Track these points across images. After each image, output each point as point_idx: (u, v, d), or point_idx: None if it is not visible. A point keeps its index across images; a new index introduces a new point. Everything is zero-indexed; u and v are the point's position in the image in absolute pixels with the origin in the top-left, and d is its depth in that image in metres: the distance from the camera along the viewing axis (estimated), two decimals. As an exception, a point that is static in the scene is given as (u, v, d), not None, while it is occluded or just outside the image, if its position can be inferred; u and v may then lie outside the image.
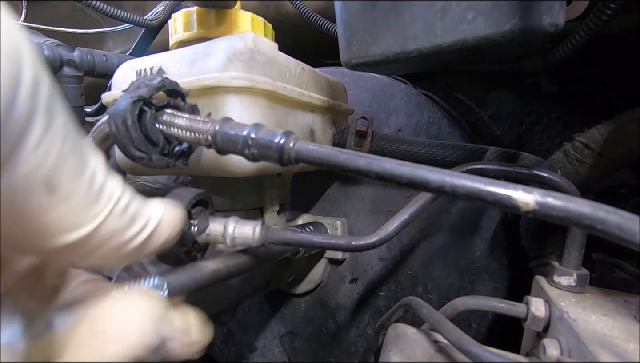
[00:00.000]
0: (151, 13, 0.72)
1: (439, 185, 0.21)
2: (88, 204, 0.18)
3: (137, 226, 0.21)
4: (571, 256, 0.37)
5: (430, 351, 0.31)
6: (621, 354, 0.26)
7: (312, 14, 0.60)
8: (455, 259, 0.55)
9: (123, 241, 0.20)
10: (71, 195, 0.18)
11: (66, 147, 0.17)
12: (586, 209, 0.18)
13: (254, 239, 0.33)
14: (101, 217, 0.19)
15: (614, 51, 0.54)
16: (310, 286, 0.63)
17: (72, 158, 0.18)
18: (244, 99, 0.36)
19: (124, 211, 0.20)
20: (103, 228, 0.19)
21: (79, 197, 0.18)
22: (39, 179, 0.16)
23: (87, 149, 0.19)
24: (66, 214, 0.18)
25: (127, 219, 0.20)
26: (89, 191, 0.18)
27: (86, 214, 0.18)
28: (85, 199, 0.18)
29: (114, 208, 0.19)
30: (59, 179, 0.17)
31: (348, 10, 0.35)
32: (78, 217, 0.18)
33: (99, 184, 0.19)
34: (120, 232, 0.20)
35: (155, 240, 0.22)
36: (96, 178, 0.19)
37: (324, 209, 0.63)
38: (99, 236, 0.19)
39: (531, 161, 0.46)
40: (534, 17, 0.28)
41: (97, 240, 0.19)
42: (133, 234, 0.21)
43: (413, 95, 0.59)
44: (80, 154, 0.18)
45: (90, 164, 0.19)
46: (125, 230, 0.20)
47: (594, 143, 0.39)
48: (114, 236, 0.20)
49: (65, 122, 0.17)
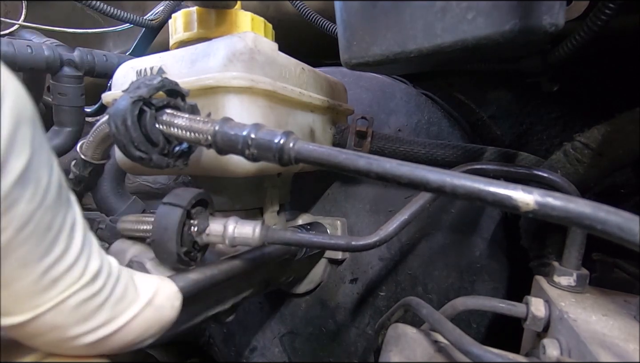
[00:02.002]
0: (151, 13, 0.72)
1: (439, 185, 0.21)
2: (30, 295, 0.17)
3: (93, 322, 0.19)
4: (571, 256, 0.37)
5: (430, 351, 0.31)
6: (621, 354, 0.26)
7: (312, 14, 0.60)
8: (455, 259, 0.55)
9: (67, 336, 0.19)
10: (11, 283, 0.17)
11: (22, 235, 0.16)
12: (586, 209, 0.18)
13: (254, 239, 0.33)
14: (40, 310, 0.17)
15: (614, 51, 0.54)
16: (310, 286, 0.63)
17: (28, 247, 0.16)
18: (244, 99, 0.36)
19: (79, 305, 0.18)
20: (42, 320, 0.18)
21: (21, 286, 0.17)
22: None
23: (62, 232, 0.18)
24: (2, 299, 0.17)
25: (80, 315, 0.18)
26: (36, 282, 0.17)
27: (24, 304, 0.17)
28: (28, 289, 0.17)
29: (66, 301, 0.18)
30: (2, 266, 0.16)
31: (348, 10, 0.35)
32: (14, 305, 0.17)
33: (56, 275, 0.18)
34: (65, 327, 0.18)
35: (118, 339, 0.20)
36: (55, 268, 0.17)
37: (324, 209, 0.63)
38: (35, 327, 0.18)
39: (531, 161, 0.46)
40: (534, 17, 0.28)
41: (33, 330, 0.18)
42: (83, 331, 0.19)
43: (413, 95, 0.59)
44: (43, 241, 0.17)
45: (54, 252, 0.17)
46: (73, 326, 0.18)
47: (594, 143, 0.39)
48: (55, 330, 0.18)
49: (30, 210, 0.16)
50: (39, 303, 0.17)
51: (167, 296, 0.22)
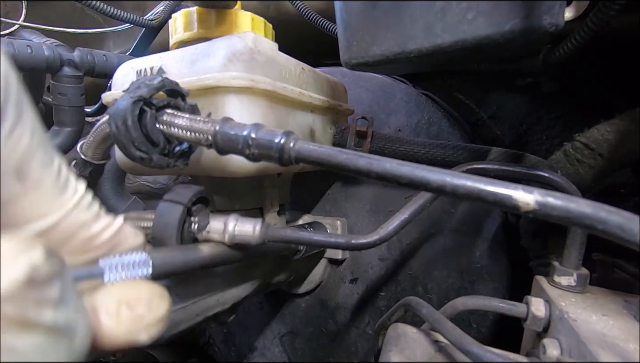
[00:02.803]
0: (151, 13, 0.72)
1: (439, 185, 0.21)
2: (56, 193, 0.20)
3: (102, 222, 0.22)
4: (571, 256, 0.37)
5: (430, 351, 0.31)
6: (621, 354, 0.26)
7: (312, 14, 0.60)
8: (456, 259, 0.55)
9: (90, 234, 0.21)
10: (40, 183, 0.19)
11: (35, 139, 0.18)
12: (587, 209, 0.18)
13: (254, 237, 0.33)
14: (69, 206, 0.20)
15: (614, 51, 0.54)
16: (310, 286, 0.63)
17: (40, 150, 0.19)
18: (244, 99, 0.36)
19: (89, 206, 0.21)
20: (71, 217, 0.20)
21: (48, 185, 0.19)
22: (10, 166, 0.18)
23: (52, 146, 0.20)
24: (35, 202, 0.19)
25: (93, 214, 0.21)
26: (56, 181, 0.20)
27: (54, 202, 0.20)
28: (53, 188, 0.19)
29: (80, 201, 0.21)
30: (28, 166, 0.18)
31: (348, 10, 0.35)
32: (47, 205, 0.19)
33: (65, 178, 0.20)
34: (87, 225, 0.21)
35: (120, 241, 0.23)
36: (62, 172, 0.20)
37: (324, 209, 0.63)
38: (67, 225, 0.20)
39: (531, 161, 0.46)
40: (534, 17, 0.28)
41: (66, 229, 0.20)
42: (99, 229, 0.22)
43: (413, 95, 0.59)
44: (47, 149, 0.19)
45: (56, 159, 0.20)
46: (91, 223, 0.21)
47: (594, 143, 0.39)
48: (82, 228, 0.21)
49: (32, 117, 0.18)
50: (65, 200, 0.20)
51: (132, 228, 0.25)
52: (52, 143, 0.21)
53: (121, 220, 0.24)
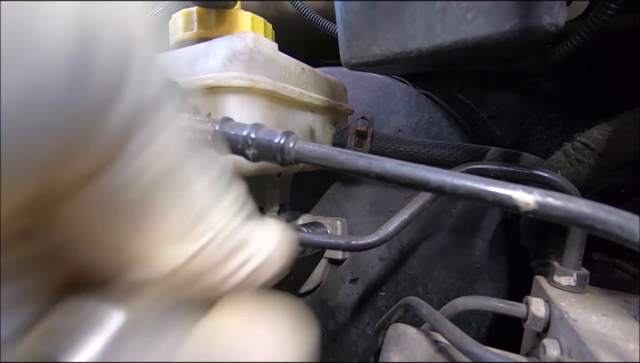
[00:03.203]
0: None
1: (439, 185, 0.21)
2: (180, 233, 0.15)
3: (236, 261, 0.17)
4: (571, 256, 0.37)
5: (430, 351, 0.31)
6: (621, 354, 0.26)
7: (312, 14, 0.59)
8: (455, 259, 0.55)
9: (220, 278, 0.16)
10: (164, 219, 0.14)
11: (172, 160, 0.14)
12: (587, 209, 0.18)
13: (254, 239, 0.33)
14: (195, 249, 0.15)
15: (614, 51, 0.54)
16: (310, 286, 0.63)
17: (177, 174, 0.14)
18: (244, 99, 0.36)
19: (225, 241, 0.16)
20: (196, 261, 0.15)
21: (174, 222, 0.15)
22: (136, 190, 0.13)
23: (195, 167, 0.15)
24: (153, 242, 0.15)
25: (226, 253, 0.16)
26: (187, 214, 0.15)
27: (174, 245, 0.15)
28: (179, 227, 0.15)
29: (216, 236, 0.16)
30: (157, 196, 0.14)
31: (348, 10, 0.35)
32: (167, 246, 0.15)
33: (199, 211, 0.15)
34: (217, 267, 0.16)
35: (260, 276, 0.18)
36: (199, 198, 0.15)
37: (324, 209, 0.63)
38: (191, 270, 0.15)
39: (531, 161, 0.46)
40: (534, 17, 0.28)
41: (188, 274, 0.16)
42: (231, 270, 0.17)
43: (413, 95, 0.59)
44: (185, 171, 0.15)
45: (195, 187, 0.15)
46: (222, 265, 0.16)
47: (594, 143, 0.39)
48: (209, 271, 0.16)
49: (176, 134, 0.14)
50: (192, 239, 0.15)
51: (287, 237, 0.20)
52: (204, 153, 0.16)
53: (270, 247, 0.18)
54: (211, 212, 0.16)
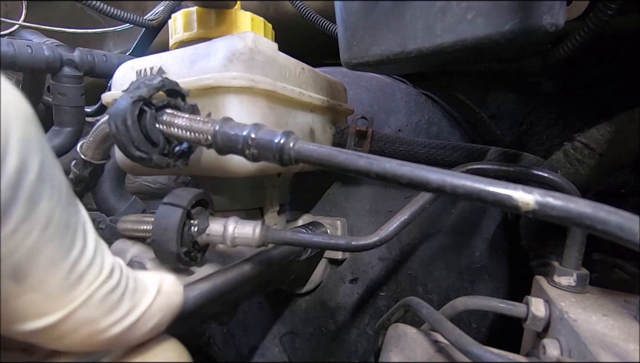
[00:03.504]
0: (151, 13, 0.72)
1: (439, 185, 0.21)
2: (61, 292, 0.17)
3: (118, 313, 0.19)
4: (571, 256, 0.37)
5: (430, 351, 0.31)
6: (621, 354, 0.26)
7: (312, 14, 0.59)
8: (455, 259, 0.55)
9: (98, 329, 0.19)
10: (42, 283, 0.17)
11: (47, 234, 0.16)
12: (587, 209, 0.18)
13: (254, 239, 0.33)
14: (73, 305, 0.18)
15: (614, 51, 0.54)
16: (310, 286, 0.63)
17: (53, 245, 0.17)
18: (244, 99, 0.36)
19: (104, 298, 0.19)
20: (75, 316, 0.18)
21: (52, 285, 0.17)
22: (7, 267, 0.16)
23: (77, 229, 0.18)
24: (34, 302, 0.17)
25: (107, 307, 0.19)
26: (65, 278, 0.17)
27: (57, 302, 0.17)
28: (58, 287, 0.17)
29: (93, 295, 0.18)
30: (29, 268, 0.16)
31: (348, 10, 0.35)
32: (47, 305, 0.17)
33: (81, 270, 0.18)
34: (96, 320, 0.19)
35: (141, 327, 0.21)
36: (79, 264, 0.18)
37: (324, 209, 0.63)
38: (69, 324, 0.18)
39: (531, 161, 0.46)
40: (534, 17, 0.28)
41: (67, 327, 0.18)
42: (111, 322, 0.19)
43: (413, 95, 0.59)
44: (65, 239, 0.17)
45: (76, 249, 0.18)
46: (102, 318, 0.19)
47: (594, 143, 0.39)
48: (87, 324, 0.18)
49: (50, 207, 0.16)
50: (71, 299, 0.18)
51: (171, 284, 0.23)
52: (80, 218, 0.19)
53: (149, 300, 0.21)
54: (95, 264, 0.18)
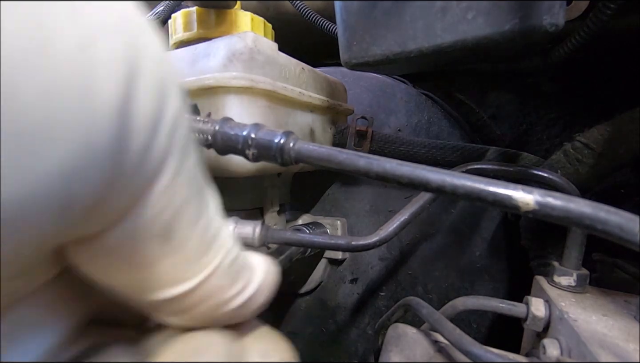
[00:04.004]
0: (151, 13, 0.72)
1: (439, 185, 0.21)
2: (199, 256, 0.16)
3: (239, 284, 0.18)
4: (571, 256, 0.37)
5: (430, 351, 0.31)
6: (621, 354, 0.26)
7: (312, 14, 0.59)
8: (455, 259, 0.55)
9: (223, 299, 0.18)
10: (185, 244, 0.16)
11: (191, 191, 0.15)
12: (587, 209, 0.18)
13: (254, 239, 0.33)
14: (209, 270, 0.17)
15: (614, 51, 0.54)
16: (310, 286, 0.63)
17: (194, 203, 0.16)
18: (244, 99, 0.36)
19: (230, 266, 0.18)
20: (208, 282, 0.17)
21: (192, 246, 0.16)
22: (158, 226, 0.15)
23: (207, 191, 0.17)
24: (176, 265, 0.16)
25: (232, 275, 0.18)
26: (202, 239, 0.16)
27: (194, 266, 0.16)
28: (197, 250, 0.16)
29: (223, 261, 0.17)
30: (178, 226, 0.15)
31: (348, 10, 0.35)
32: (187, 269, 0.16)
33: (213, 233, 0.17)
34: (224, 289, 0.18)
35: (253, 303, 0.20)
36: (211, 226, 0.17)
37: (324, 209, 0.63)
38: (202, 291, 0.17)
39: (531, 161, 0.46)
40: (534, 17, 0.28)
41: (199, 295, 0.17)
42: (234, 293, 0.18)
43: (413, 95, 0.59)
44: (201, 198, 0.16)
45: (209, 209, 0.17)
46: (228, 287, 0.18)
47: (594, 143, 0.39)
48: (217, 292, 0.17)
49: (194, 163, 0.15)
50: (206, 263, 0.17)
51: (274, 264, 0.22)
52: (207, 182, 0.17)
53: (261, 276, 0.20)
54: (220, 234, 0.17)
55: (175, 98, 0.14)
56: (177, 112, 0.14)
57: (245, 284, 0.19)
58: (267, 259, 0.22)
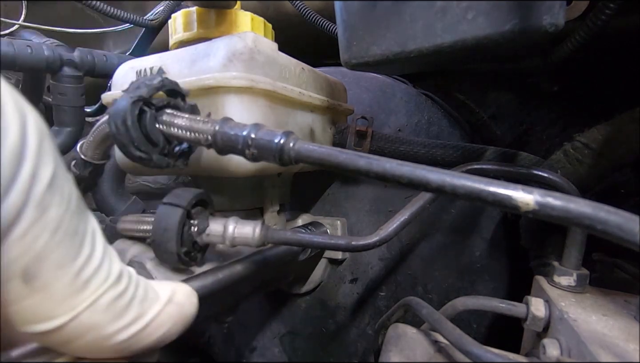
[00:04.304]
0: (151, 13, 0.72)
1: (439, 185, 0.21)
2: (67, 296, 0.18)
3: (125, 320, 0.20)
4: (571, 256, 0.37)
5: (430, 351, 0.31)
6: (621, 354, 0.26)
7: (312, 14, 0.59)
8: (455, 259, 0.55)
9: (104, 335, 0.19)
10: (50, 286, 0.17)
11: (56, 238, 0.17)
12: (586, 209, 0.18)
13: (254, 239, 0.33)
14: (78, 309, 0.18)
15: (614, 51, 0.54)
16: (310, 286, 0.63)
17: (61, 249, 0.17)
18: (244, 99, 0.36)
19: (110, 304, 0.19)
20: (80, 319, 0.18)
21: (59, 288, 0.17)
22: (18, 267, 0.16)
23: (85, 236, 0.18)
24: (40, 304, 0.17)
25: (113, 313, 0.19)
26: (72, 282, 0.18)
27: (62, 305, 0.18)
28: (65, 290, 0.18)
29: (98, 300, 0.18)
30: (39, 269, 0.17)
31: (348, 10, 0.35)
32: (53, 307, 0.18)
33: (88, 275, 0.18)
34: (101, 326, 0.19)
35: (150, 335, 0.21)
36: (86, 269, 0.18)
37: (324, 209, 0.63)
38: (74, 328, 0.18)
39: (531, 161, 0.46)
40: (534, 17, 0.28)
41: (73, 331, 0.18)
42: (117, 329, 0.19)
43: (413, 95, 0.59)
44: (73, 244, 0.18)
45: (83, 254, 0.18)
46: (108, 324, 0.19)
47: (594, 143, 0.39)
48: (93, 329, 0.19)
49: (59, 214, 0.17)
50: (76, 303, 0.18)
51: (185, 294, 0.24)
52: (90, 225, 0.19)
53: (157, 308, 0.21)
54: (103, 269, 0.19)
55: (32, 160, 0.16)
56: (33, 172, 0.16)
57: (134, 318, 0.20)
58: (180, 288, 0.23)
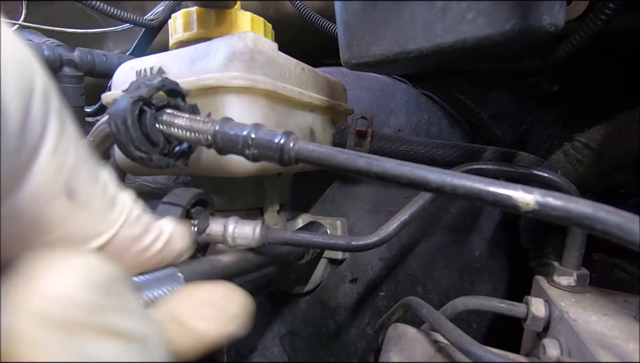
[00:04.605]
0: (151, 13, 0.72)
1: (439, 185, 0.21)
2: (105, 211, 0.19)
3: (152, 234, 0.22)
4: (571, 256, 0.37)
5: (430, 351, 0.31)
6: (621, 354, 0.26)
7: (312, 14, 0.59)
8: (455, 259, 0.55)
9: (141, 248, 0.21)
10: (90, 201, 0.18)
11: (80, 152, 0.17)
12: (586, 209, 0.18)
13: (254, 239, 0.33)
14: (119, 223, 0.19)
15: (614, 51, 0.54)
16: (310, 286, 0.63)
17: (87, 165, 0.18)
18: (244, 99, 0.36)
19: (137, 220, 0.20)
20: (122, 234, 0.19)
21: (97, 203, 0.18)
22: (59, 184, 0.16)
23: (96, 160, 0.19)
24: (87, 221, 0.18)
25: (142, 228, 0.21)
26: (104, 198, 0.19)
27: (104, 221, 0.19)
28: (102, 206, 0.18)
29: (129, 216, 0.20)
30: (77, 183, 0.17)
31: (348, 10, 0.35)
32: (97, 224, 0.18)
33: (113, 192, 0.19)
34: (138, 239, 0.21)
35: (171, 250, 0.23)
36: (109, 186, 0.19)
37: (324, 209, 0.63)
38: (118, 242, 0.19)
39: (531, 161, 0.46)
40: (534, 17, 0.28)
41: (118, 247, 0.19)
42: (150, 242, 0.21)
43: (413, 95, 0.59)
44: (92, 163, 0.18)
45: (102, 174, 0.19)
46: (142, 237, 0.21)
47: (594, 143, 0.39)
48: (133, 243, 0.20)
49: (76, 130, 0.18)
50: (115, 218, 0.19)
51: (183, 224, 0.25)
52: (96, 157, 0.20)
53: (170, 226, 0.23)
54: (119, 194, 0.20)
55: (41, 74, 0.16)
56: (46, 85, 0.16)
57: (157, 235, 0.22)
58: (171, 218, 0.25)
